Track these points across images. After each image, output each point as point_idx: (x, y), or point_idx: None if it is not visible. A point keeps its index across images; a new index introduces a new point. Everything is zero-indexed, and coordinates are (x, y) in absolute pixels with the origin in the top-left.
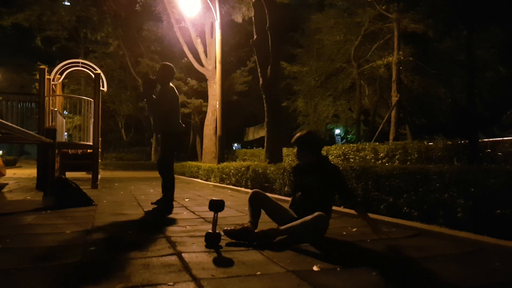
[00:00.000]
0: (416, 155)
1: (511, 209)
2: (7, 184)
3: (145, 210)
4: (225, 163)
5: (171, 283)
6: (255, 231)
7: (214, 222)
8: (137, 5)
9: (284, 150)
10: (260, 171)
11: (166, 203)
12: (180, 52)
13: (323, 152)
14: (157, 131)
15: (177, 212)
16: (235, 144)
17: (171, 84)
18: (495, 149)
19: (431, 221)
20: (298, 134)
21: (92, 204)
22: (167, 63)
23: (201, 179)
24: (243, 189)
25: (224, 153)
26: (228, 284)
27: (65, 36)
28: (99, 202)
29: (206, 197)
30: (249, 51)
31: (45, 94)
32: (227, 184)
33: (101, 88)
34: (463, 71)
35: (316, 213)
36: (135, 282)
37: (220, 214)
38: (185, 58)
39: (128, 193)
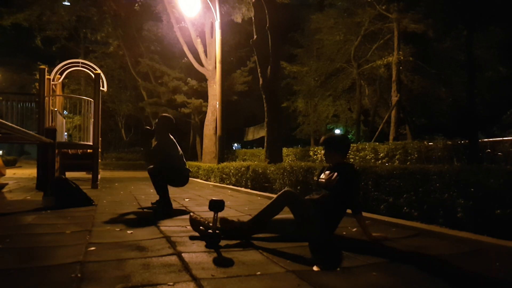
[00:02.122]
0: (416, 155)
1: (511, 209)
2: (7, 184)
3: (145, 210)
4: (225, 163)
5: (171, 283)
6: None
7: (214, 222)
8: (136, 5)
9: (284, 150)
10: (260, 171)
11: (166, 203)
12: (180, 52)
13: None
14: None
15: (177, 212)
16: (235, 144)
17: (170, 136)
18: (495, 149)
19: (431, 221)
20: (326, 136)
21: (92, 204)
22: (166, 114)
23: (201, 179)
24: (243, 189)
25: (224, 153)
26: (228, 284)
27: (65, 36)
28: (99, 202)
29: (206, 197)
30: (249, 51)
31: (45, 94)
32: (227, 184)
33: (101, 88)
34: (463, 71)
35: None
36: (135, 282)
37: (220, 214)
38: (185, 58)
39: (128, 193)
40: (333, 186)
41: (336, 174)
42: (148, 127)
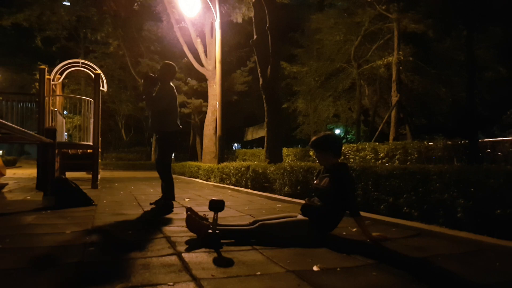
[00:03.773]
0: (416, 155)
1: (511, 209)
2: (7, 184)
3: (145, 210)
4: (225, 163)
5: (171, 283)
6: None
7: (214, 222)
8: (136, 5)
9: (284, 150)
10: (260, 171)
11: (166, 203)
12: (180, 52)
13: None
14: (154, 131)
15: (177, 212)
16: (235, 144)
17: (171, 84)
18: (495, 149)
19: (431, 221)
20: (313, 137)
21: (92, 204)
22: (169, 61)
23: (201, 179)
24: (243, 189)
25: (224, 153)
26: (228, 284)
27: (65, 36)
28: (99, 202)
29: (206, 197)
30: (249, 51)
31: (45, 94)
32: (227, 184)
33: (101, 88)
34: (463, 71)
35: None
36: (135, 282)
37: (220, 214)
38: (185, 58)
39: (128, 193)
40: (325, 191)
41: (327, 179)
42: (151, 74)
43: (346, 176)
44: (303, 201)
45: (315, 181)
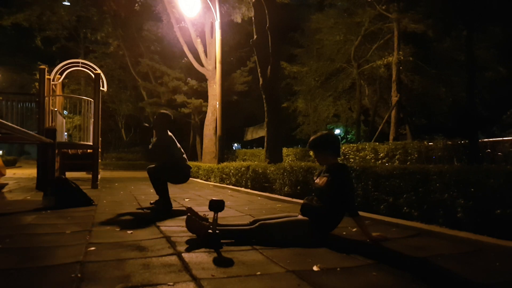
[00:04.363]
0: (416, 155)
1: (511, 209)
2: (7, 184)
3: (145, 210)
4: (225, 163)
5: (171, 283)
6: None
7: (214, 222)
8: (136, 5)
9: (284, 150)
10: (260, 171)
11: (166, 203)
12: (180, 52)
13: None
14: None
15: (177, 212)
16: (235, 144)
17: (169, 133)
18: (495, 149)
19: (431, 221)
20: (311, 138)
21: (92, 204)
22: (164, 111)
23: (201, 179)
24: (243, 189)
25: (224, 153)
26: (228, 284)
27: (65, 36)
28: (99, 202)
29: (206, 197)
30: (249, 51)
31: (45, 94)
32: (227, 184)
33: (101, 88)
34: (463, 71)
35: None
36: (135, 282)
37: (220, 214)
38: (185, 58)
39: (128, 193)
40: (324, 190)
41: (326, 178)
42: (146, 124)
43: (345, 177)
44: (303, 201)
45: (315, 180)
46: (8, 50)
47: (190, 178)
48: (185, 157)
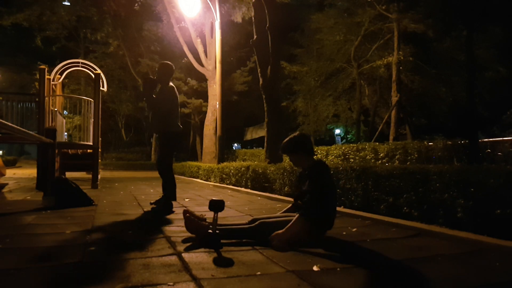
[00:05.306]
0: (416, 155)
1: (511, 209)
2: (7, 184)
3: (145, 210)
4: (225, 163)
5: (171, 283)
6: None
7: (214, 222)
8: (136, 5)
9: None
10: (260, 171)
11: (166, 203)
12: (180, 52)
13: (323, 153)
14: (155, 131)
15: (177, 212)
16: (235, 144)
17: (171, 84)
18: (495, 149)
19: (431, 221)
20: (282, 142)
21: (92, 204)
22: (166, 62)
23: (201, 179)
24: (243, 189)
25: (224, 153)
26: (228, 284)
27: (65, 36)
28: (99, 202)
29: (206, 197)
30: (249, 51)
31: (45, 94)
32: (227, 184)
33: (101, 88)
34: (463, 71)
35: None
36: (135, 282)
37: (220, 214)
38: (185, 58)
39: (128, 193)
40: (307, 193)
41: (307, 181)
42: (150, 76)
43: (322, 174)
44: (298, 202)
45: (300, 187)
46: (8, 50)
47: (190, 178)
48: (179, 122)
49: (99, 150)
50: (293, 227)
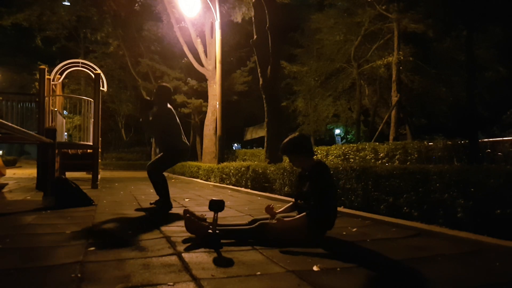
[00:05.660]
0: (416, 155)
1: (511, 209)
2: (7, 184)
3: (145, 210)
4: (225, 163)
5: (171, 283)
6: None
7: (214, 222)
8: (136, 5)
9: None
10: (260, 171)
11: (165, 203)
12: (180, 52)
13: (323, 153)
14: (160, 150)
15: (177, 212)
16: (235, 144)
17: (169, 106)
18: (495, 149)
19: (431, 221)
20: (282, 143)
21: (92, 204)
22: (163, 84)
23: (201, 179)
24: (243, 189)
25: (224, 153)
26: (228, 284)
27: (65, 36)
28: (99, 202)
29: (206, 197)
30: (249, 51)
31: (45, 94)
32: (227, 184)
33: (101, 88)
34: (463, 71)
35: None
36: (135, 282)
37: (220, 214)
38: (185, 58)
39: (128, 193)
40: (308, 194)
41: (308, 182)
42: (147, 97)
43: (322, 174)
44: (299, 202)
45: (301, 187)
46: (8, 50)
47: (190, 178)
48: (182, 132)
49: (99, 150)
50: (296, 221)
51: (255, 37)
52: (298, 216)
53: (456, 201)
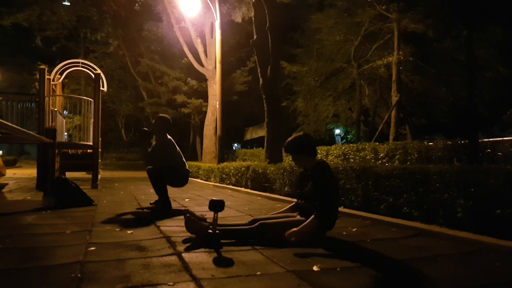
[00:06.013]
0: (416, 155)
1: (511, 209)
2: (7, 184)
3: (145, 210)
4: (225, 163)
5: (171, 283)
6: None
7: (214, 222)
8: (137, 5)
9: None
10: (260, 171)
11: (164, 203)
12: (180, 52)
13: (323, 153)
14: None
15: (177, 212)
16: (235, 144)
17: (169, 137)
18: (495, 149)
19: (431, 221)
20: (286, 141)
21: (92, 204)
22: (163, 115)
23: (201, 179)
24: (243, 189)
25: (224, 153)
26: (228, 284)
27: (65, 36)
28: (99, 202)
29: (206, 197)
30: (249, 51)
31: (45, 94)
32: (227, 184)
33: (101, 88)
34: (463, 71)
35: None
36: (135, 282)
37: (220, 214)
38: (185, 58)
39: (128, 193)
40: (310, 194)
41: (310, 182)
42: (145, 128)
43: (324, 176)
44: (299, 202)
45: (302, 187)
46: (8, 50)
47: (190, 178)
48: (184, 161)
49: (99, 150)
50: (307, 226)
51: (255, 37)
52: (308, 220)
53: (456, 201)
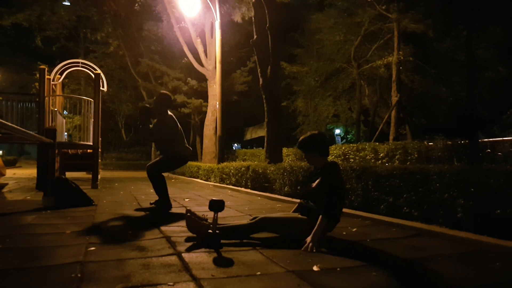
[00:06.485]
0: (416, 155)
1: (511, 209)
2: (7, 184)
3: (145, 210)
4: (225, 163)
5: (171, 283)
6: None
7: (214, 222)
8: (136, 5)
9: (284, 150)
10: (260, 171)
11: (164, 203)
12: (180, 52)
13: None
14: (161, 153)
15: (177, 212)
16: (235, 144)
17: (169, 113)
18: (495, 149)
19: (431, 221)
20: (301, 138)
21: (92, 204)
22: (163, 91)
23: (201, 179)
24: (243, 189)
25: (224, 153)
26: (228, 284)
27: (65, 36)
28: (99, 202)
29: (206, 197)
30: (249, 51)
31: (45, 94)
32: (227, 184)
33: (101, 88)
34: (463, 71)
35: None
36: (135, 282)
37: (220, 214)
38: (185, 58)
39: (128, 193)
40: (316, 193)
41: (318, 180)
42: (147, 105)
43: (333, 175)
44: (299, 201)
45: (312, 185)
46: (8, 50)
47: (190, 178)
48: (184, 137)
49: (99, 150)
50: (318, 229)
51: (255, 37)
52: (317, 224)
53: (456, 201)
